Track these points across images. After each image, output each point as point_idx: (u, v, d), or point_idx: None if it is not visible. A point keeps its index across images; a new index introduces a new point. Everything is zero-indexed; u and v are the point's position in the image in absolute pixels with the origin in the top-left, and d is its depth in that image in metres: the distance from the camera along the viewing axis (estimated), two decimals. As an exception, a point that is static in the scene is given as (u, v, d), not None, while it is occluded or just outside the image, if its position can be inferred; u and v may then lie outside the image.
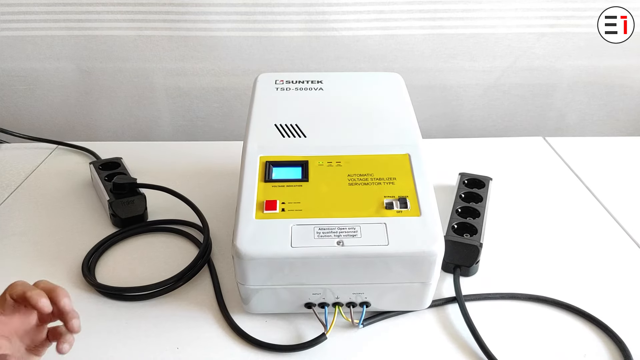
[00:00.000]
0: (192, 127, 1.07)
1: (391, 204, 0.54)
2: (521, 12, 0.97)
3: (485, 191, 0.72)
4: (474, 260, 0.62)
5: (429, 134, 0.84)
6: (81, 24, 0.96)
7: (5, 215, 0.74)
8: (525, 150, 0.93)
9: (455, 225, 0.66)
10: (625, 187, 0.82)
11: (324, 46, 0.98)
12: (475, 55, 1.01)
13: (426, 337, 0.55)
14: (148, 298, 0.59)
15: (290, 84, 0.70)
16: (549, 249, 0.68)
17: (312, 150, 0.60)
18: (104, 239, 0.68)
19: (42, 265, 0.64)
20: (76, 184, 0.82)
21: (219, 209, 0.74)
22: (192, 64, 1.00)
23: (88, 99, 1.04)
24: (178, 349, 0.53)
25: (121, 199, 0.70)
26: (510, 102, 1.07)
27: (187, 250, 0.67)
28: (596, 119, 1.10)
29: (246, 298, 0.55)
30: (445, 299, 0.59)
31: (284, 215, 0.53)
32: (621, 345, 0.53)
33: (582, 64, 1.03)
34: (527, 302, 0.59)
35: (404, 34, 0.98)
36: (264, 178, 0.57)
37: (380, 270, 0.52)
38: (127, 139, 1.08)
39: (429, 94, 1.05)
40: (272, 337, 0.54)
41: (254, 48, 0.98)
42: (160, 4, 0.94)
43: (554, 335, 0.55)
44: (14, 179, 0.83)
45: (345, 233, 0.52)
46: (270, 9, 0.95)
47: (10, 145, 0.95)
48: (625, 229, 0.72)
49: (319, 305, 0.55)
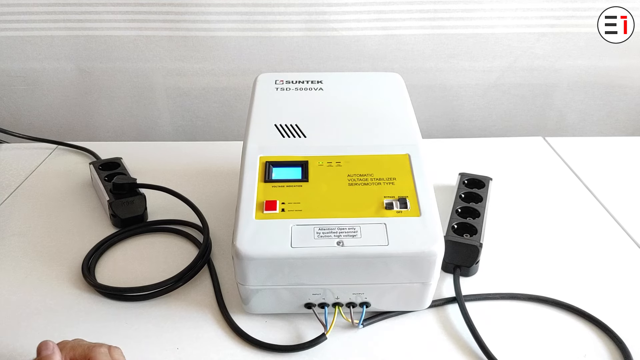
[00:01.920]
0: (192, 127, 1.07)
1: (391, 204, 0.54)
2: (521, 12, 0.97)
3: (485, 191, 0.72)
4: (474, 261, 0.62)
5: (429, 134, 0.84)
6: (81, 24, 0.96)
7: (5, 215, 0.74)
8: (525, 150, 0.93)
9: (455, 225, 0.65)
10: (625, 187, 0.82)
11: (324, 46, 0.98)
12: (475, 55, 1.01)
13: (426, 337, 0.55)
14: (148, 298, 0.59)
15: (290, 84, 0.70)
16: (549, 249, 0.68)
17: (312, 151, 0.60)
18: (103, 239, 0.68)
19: (42, 265, 0.64)
20: (76, 184, 0.82)
21: (219, 209, 0.74)
22: (192, 64, 1.00)
23: (88, 99, 1.04)
24: (178, 349, 0.53)
25: (121, 199, 0.70)
26: (510, 102, 1.07)
27: (187, 250, 0.67)
28: (596, 119, 1.10)
29: (246, 298, 0.55)
30: (445, 299, 0.59)
31: (284, 215, 0.53)
32: (621, 345, 0.53)
33: (582, 64, 1.03)
34: (527, 302, 0.59)
35: (404, 34, 0.98)
36: (264, 178, 0.57)
37: (380, 271, 0.52)
38: (127, 139, 1.08)
39: (429, 94, 1.05)
40: (272, 337, 0.54)
41: (254, 48, 0.98)
42: (160, 4, 0.94)
43: (554, 335, 0.55)
44: (14, 179, 0.83)
45: (345, 233, 0.52)
46: (270, 9, 0.95)
47: (10, 146, 0.95)
48: (625, 229, 0.72)
49: (319, 305, 0.55)
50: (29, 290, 0.61)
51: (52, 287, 0.61)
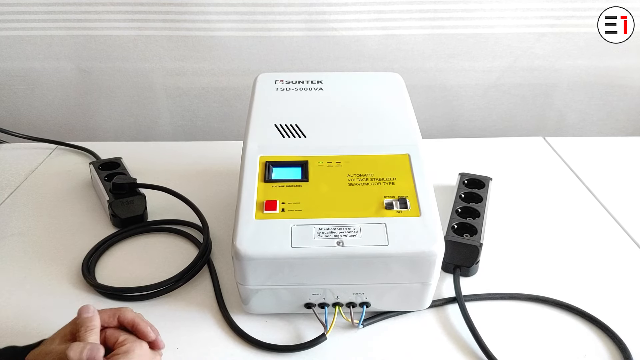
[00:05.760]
0: (192, 127, 1.07)
1: (391, 204, 0.54)
2: (521, 12, 0.97)
3: (485, 191, 0.72)
4: (474, 261, 0.62)
5: (429, 134, 0.84)
6: (81, 24, 0.96)
7: (5, 215, 0.74)
8: (525, 150, 0.93)
9: (455, 225, 0.65)
10: (625, 187, 0.82)
11: (324, 46, 0.98)
12: (475, 55, 1.01)
13: (426, 337, 0.55)
14: (148, 298, 0.59)
15: (290, 84, 0.70)
16: (549, 249, 0.68)
17: (312, 151, 0.60)
18: (103, 239, 0.68)
19: (42, 265, 0.64)
20: (76, 184, 0.82)
21: (219, 209, 0.74)
22: (191, 63, 1.00)
23: (88, 99, 1.04)
24: (178, 349, 0.53)
25: (121, 199, 0.70)
26: (510, 102, 1.07)
27: (187, 250, 0.67)
28: (596, 119, 1.10)
29: (246, 298, 0.55)
30: (445, 299, 0.59)
31: (284, 215, 0.53)
32: (621, 345, 0.53)
33: (582, 64, 1.03)
34: (527, 302, 0.59)
35: (404, 34, 0.98)
36: (264, 178, 0.57)
37: (380, 271, 0.52)
38: (127, 139, 1.08)
39: (429, 94, 1.05)
40: (272, 337, 0.54)
41: (254, 48, 0.98)
42: (160, 4, 0.94)
43: (554, 335, 0.55)
44: (13, 179, 0.83)
45: (345, 233, 0.52)
46: (270, 9, 0.95)
47: (10, 145, 0.95)
48: (625, 229, 0.72)
49: (318, 305, 0.55)
50: (29, 290, 0.61)
51: (52, 287, 0.61)
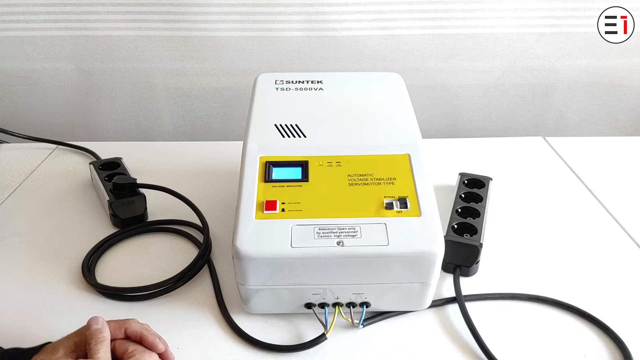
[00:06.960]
0: (192, 127, 1.07)
1: (391, 204, 0.54)
2: (521, 12, 0.97)
3: (485, 191, 0.72)
4: (474, 261, 0.62)
5: (429, 134, 0.84)
6: (81, 24, 0.96)
7: (5, 216, 0.74)
8: (525, 150, 0.93)
9: (455, 225, 0.65)
10: (625, 187, 0.82)
11: (324, 46, 0.98)
12: (475, 55, 1.01)
13: (426, 337, 0.55)
14: (148, 298, 0.59)
15: (290, 84, 0.70)
16: (549, 249, 0.68)
17: (312, 151, 0.60)
18: (104, 239, 0.68)
19: (42, 265, 0.64)
20: (76, 184, 0.82)
21: (219, 209, 0.74)
22: (192, 64, 1.00)
23: (88, 99, 1.04)
24: (178, 349, 0.53)
25: (121, 199, 0.70)
26: (510, 102, 1.07)
27: (187, 250, 0.67)
28: (596, 119, 1.10)
29: (246, 298, 0.55)
30: (445, 299, 0.59)
31: (284, 215, 0.53)
32: (621, 345, 0.53)
33: (582, 64, 1.03)
34: (527, 302, 0.59)
35: (404, 34, 0.98)
36: (264, 178, 0.57)
37: (380, 271, 0.52)
38: (127, 139, 1.08)
39: (429, 94, 1.05)
40: (272, 337, 0.54)
41: (254, 48, 0.98)
42: (160, 4, 0.94)
43: (554, 335, 0.55)
44: (14, 179, 0.83)
45: (345, 233, 0.52)
46: (270, 9, 0.95)
47: (10, 146, 0.95)
48: (625, 229, 0.72)
49: (319, 305, 0.55)
50: (29, 290, 0.61)
51: (52, 287, 0.61)
